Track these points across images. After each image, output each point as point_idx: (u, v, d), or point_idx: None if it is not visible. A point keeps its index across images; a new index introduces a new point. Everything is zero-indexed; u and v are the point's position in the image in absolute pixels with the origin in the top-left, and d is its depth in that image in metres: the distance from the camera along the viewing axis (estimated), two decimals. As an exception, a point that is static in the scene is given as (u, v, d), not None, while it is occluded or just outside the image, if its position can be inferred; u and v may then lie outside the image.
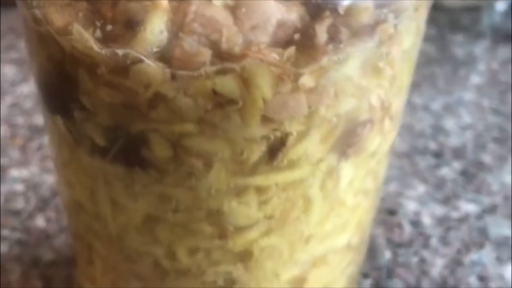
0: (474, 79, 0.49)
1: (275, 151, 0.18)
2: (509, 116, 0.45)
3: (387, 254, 0.34)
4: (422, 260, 0.34)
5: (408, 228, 0.36)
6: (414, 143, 0.42)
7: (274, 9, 0.17)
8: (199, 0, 0.17)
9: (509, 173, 0.40)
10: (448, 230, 0.36)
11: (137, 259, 0.22)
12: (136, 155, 0.19)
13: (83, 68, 0.18)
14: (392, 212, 0.37)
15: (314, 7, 0.17)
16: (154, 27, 0.17)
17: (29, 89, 0.45)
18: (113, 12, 0.17)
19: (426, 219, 0.37)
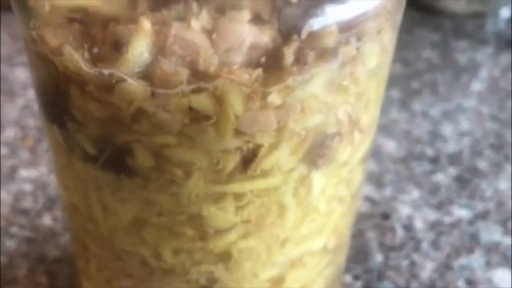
0: (475, 86, 0.48)
1: (248, 161, 0.20)
2: (507, 123, 0.44)
3: (379, 257, 0.35)
4: (413, 263, 0.34)
5: (400, 232, 0.36)
6: (411, 148, 0.42)
7: (248, 32, 0.18)
8: (179, 24, 0.18)
9: (503, 179, 0.40)
10: (440, 234, 0.36)
11: (126, 258, 0.23)
12: (122, 163, 0.20)
13: (74, 85, 0.19)
14: (386, 216, 0.37)
15: (285, 30, 0.18)
16: (137, 49, 0.18)
17: (40, 92, 0.46)
18: (102, 34, 0.18)
19: (418, 224, 0.37)
